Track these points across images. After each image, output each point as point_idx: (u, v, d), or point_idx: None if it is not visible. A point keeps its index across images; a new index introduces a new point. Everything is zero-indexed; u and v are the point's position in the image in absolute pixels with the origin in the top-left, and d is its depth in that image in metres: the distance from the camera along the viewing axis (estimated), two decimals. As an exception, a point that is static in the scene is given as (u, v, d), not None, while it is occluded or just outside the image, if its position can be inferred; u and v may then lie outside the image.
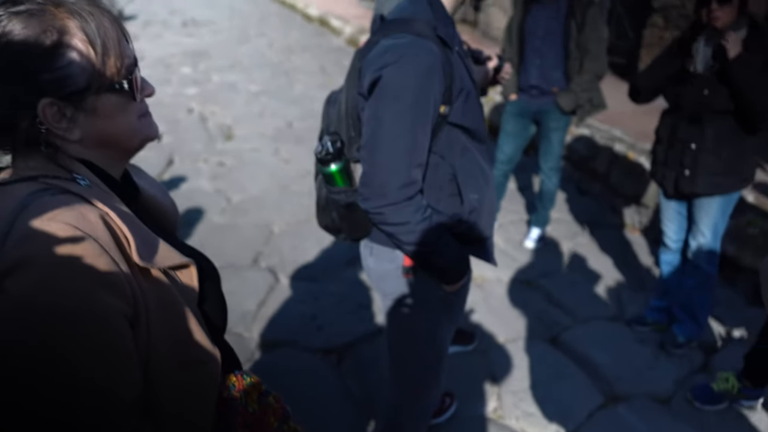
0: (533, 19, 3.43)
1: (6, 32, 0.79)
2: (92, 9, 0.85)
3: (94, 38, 0.83)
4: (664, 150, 2.67)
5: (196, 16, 13.47)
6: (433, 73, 1.32)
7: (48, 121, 0.82)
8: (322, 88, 7.33)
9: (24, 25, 0.79)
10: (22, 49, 0.79)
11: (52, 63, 0.81)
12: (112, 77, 0.85)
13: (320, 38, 11.35)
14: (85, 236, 0.76)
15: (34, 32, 0.80)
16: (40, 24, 0.80)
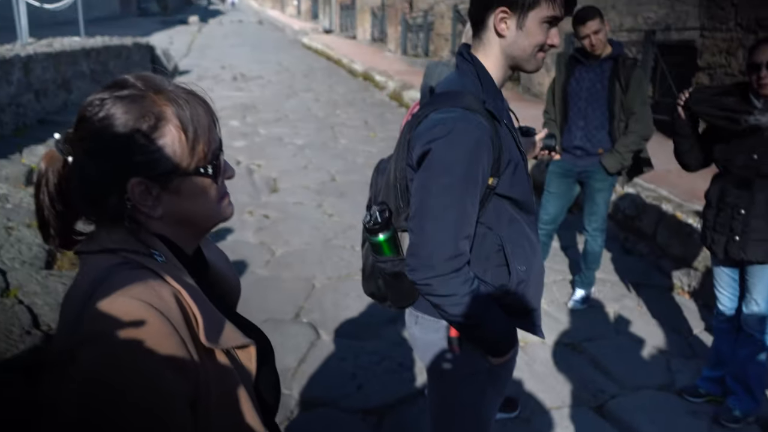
0: (576, 81, 3.46)
1: (109, 114, 0.86)
2: (188, 97, 0.91)
3: (187, 125, 0.88)
4: (713, 214, 2.62)
5: (246, 71, 14.01)
6: (482, 146, 1.34)
7: (135, 198, 0.88)
8: (365, 143, 7.48)
9: (126, 109, 0.86)
10: (121, 131, 0.85)
11: (146, 146, 0.86)
12: (199, 162, 0.90)
13: (364, 93, 11.63)
14: (158, 315, 0.79)
15: (134, 116, 0.86)
16: (140, 109, 0.86)
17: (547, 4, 1.35)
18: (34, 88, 7.01)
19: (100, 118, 0.86)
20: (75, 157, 0.87)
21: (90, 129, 0.87)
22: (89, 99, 0.89)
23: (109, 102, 0.86)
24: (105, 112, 0.86)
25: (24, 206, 4.37)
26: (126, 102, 0.86)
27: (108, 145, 0.86)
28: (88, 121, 0.87)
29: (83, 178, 0.87)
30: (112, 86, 0.88)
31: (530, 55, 1.41)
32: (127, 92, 0.87)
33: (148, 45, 12.61)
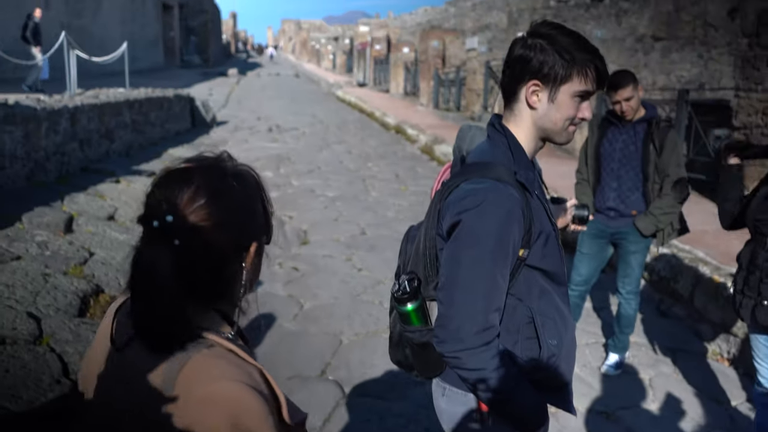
0: (609, 142, 3.45)
1: (233, 186, 0.93)
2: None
3: (268, 200, 1.00)
4: (743, 277, 2.55)
5: (281, 122, 14.37)
6: (513, 218, 1.34)
7: (248, 263, 0.94)
8: (395, 196, 7.53)
9: (244, 182, 0.96)
10: (246, 197, 0.94)
11: (259, 212, 0.96)
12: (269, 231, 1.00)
13: (396, 146, 11.78)
14: (258, 396, 0.81)
15: (248, 184, 0.96)
16: (248, 179, 0.97)
17: (579, 78, 1.36)
18: (79, 138, 7.29)
19: (223, 189, 0.91)
20: (196, 233, 0.86)
21: (214, 203, 0.88)
22: (216, 172, 0.93)
23: (226, 180, 0.93)
24: (226, 185, 0.91)
25: (62, 254, 4.48)
26: (235, 178, 0.93)
27: (237, 210, 0.92)
28: (219, 193, 0.89)
29: (208, 251, 0.88)
30: (218, 160, 0.96)
31: (561, 128, 1.42)
32: (233, 166, 0.95)
33: (188, 96, 13.06)
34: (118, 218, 5.69)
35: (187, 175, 0.89)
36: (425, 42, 19.17)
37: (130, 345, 0.88)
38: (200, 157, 0.95)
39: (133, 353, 0.88)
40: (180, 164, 0.92)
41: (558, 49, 1.35)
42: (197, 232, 0.86)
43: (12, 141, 5.63)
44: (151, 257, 0.85)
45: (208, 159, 0.94)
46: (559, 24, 1.40)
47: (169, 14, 31.91)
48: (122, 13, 24.04)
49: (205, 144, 10.90)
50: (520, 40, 1.41)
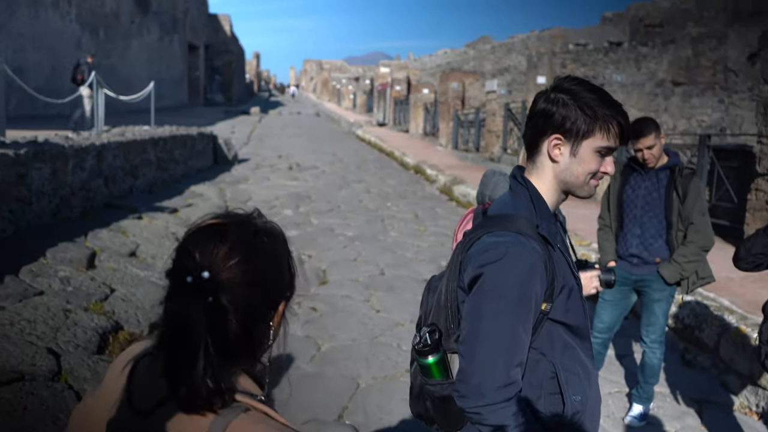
0: (632, 188, 3.43)
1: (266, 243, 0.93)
2: None
3: (293, 259, 0.98)
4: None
5: (302, 160, 14.54)
6: (535, 272, 1.33)
7: (276, 322, 0.95)
8: (414, 236, 7.53)
9: (277, 238, 0.96)
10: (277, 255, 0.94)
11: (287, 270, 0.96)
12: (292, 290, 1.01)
13: (415, 185, 11.83)
14: None
15: (281, 245, 0.96)
16: (280, 237, 0.97)
17: (601, 134, 1.37)
18: (104, 174, 7.43)
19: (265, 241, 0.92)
20: (230, 291, 0.86)
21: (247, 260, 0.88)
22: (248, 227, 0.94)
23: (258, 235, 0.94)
24: (265, 226, 0.94)
25: (83, 289, 4.52)
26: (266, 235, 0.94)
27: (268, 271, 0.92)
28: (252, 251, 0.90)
29: (241, 309, 0.87)
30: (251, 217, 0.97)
31: (583, 182, 1.42)
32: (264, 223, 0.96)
33: (211, 134, 13.31)
34: (140, 255, 5.74)
35: (222, 231, 0.89)
36: (445, 83, 19.42)
37: (158, 409, 0.85)
38: (232, 213, 0.95)
39: (164, 418, 0.85)
40: (212, 219, 0.93)
41: (581, 105, 1.36)
42: (231, 290, 0.85)
43: (40, 177, 5.76)
44: (186, 313, 0.83)
45: (240, 215, 0.94)
46: (583, 79, 1.42)
47: (194, 54, 32.81)
48: (150, 54, 24.76)
49: (226, 181, 11.04)
50: (543, 94, 1.43)
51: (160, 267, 5.53)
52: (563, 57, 12.77)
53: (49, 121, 12.23)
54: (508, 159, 13.49)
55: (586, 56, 12.85)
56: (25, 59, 14.69)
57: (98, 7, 19.76)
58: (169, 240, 6.41)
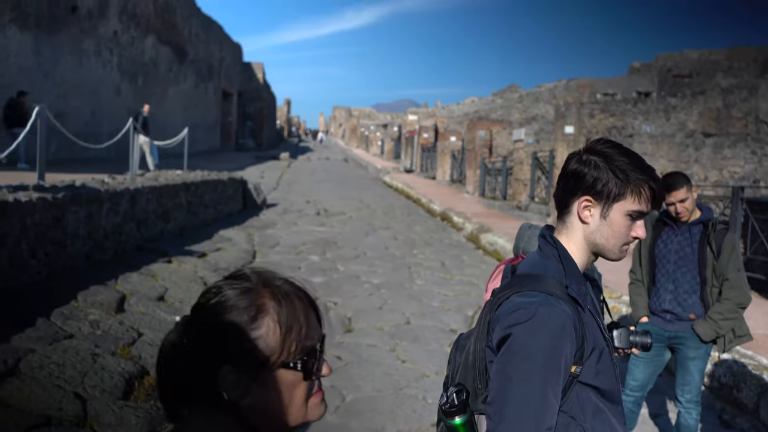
0: (664, 243, 3.38)
1: (218, 302, 0.92)
2: (291, 291, 0.96)
3: (283, 320, 0.92)
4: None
5: (329, 206, 14.66)
6: (564, 334, 1.31)
7: (224, 386, 0.90)
8: (441, 285, 7.47)
9: (234, 301, 0.92)
10: (222, 320, 0.91)
11: (242, 335, 0.90)
12: (288, 356, 0.93)
13: (442, 233, 11.80)
14: None
15: (240, 305, 0.91)
16: (247, 299, 0.92)
17: (632, 198, 1.37)
18: (137, 218, 7.59)
19: (210, 305, 0.92)
20: (184, 338, 0.92)
21: (199, 313, 0.93)
22: (210, 286, 0.96)
23: (222, 291, 0.93)
24: (216, 299, 0.92)
25: (111, 333, 4.57)
26: (236, 293, 0.92)
27: (209, 330, 0.91)
28: (200, 306, 0.94)
29: (185, 359, 0.91)
30: (231, 277, 0.96)
31: (613, 245, 1.41)
32: (242, 285, 0.94)
33: (241, 179, 13.54)
34: (168, 299, 5.80)
35: (209, 286, 0.95)
36: (472, 132, 19.58)
37: None
38: (229, 275, 0.97)
39: None
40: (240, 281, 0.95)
41: (613, 168, 1.37)
42: (186, 336, 0.93)
43: (76, 221, 5.90)
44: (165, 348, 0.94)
45: (230, 276, 0.97)
46: (616, 143, 1.43)
47: (228, 101, 33.75)
48: (185, 100, 25.55)
49: (254, 226, 11.17)
50: (576, 155, 1.43)
51: (187, 311, 5.56)
52: (591, 107, 12.81)
53: (87, 164, 12.61)
54: (536, 207, 13.43)
55: (615, 107, 12.87)
56: (67, 105, 15.27)
57: (138, 56, 20.55)
58: (196, 284, 6.47)
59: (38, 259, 5.24)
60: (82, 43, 16.49)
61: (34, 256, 5.17)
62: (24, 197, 5.09)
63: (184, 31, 25.28)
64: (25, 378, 3.58)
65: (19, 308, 4.50)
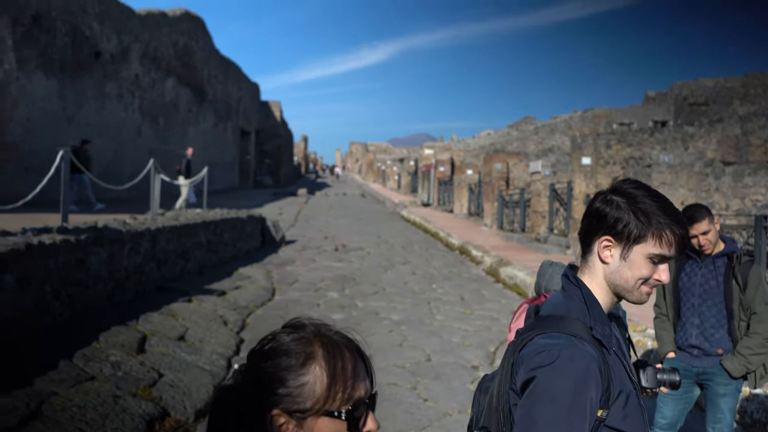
0: (688, 276, 3.32)
1: (274, 346, 0.97)
2: (341, 341, 1.00)
3: (330, 369, 0.95)
4: None
5: (347, 241, 14.69)
6: (589, 376, 1.28)
7: (272, 429, 0.93)
8: (461, 320, 7.39)
9: (286, 347, 0.96)
10: (276, 362, 0.95)
11: (291, 379, 0.94)
12: (334, 404, 0.95)
13: (461, 267, 11.73)
14: None
15: (291, 351, 0.96)
16: (299, 346, 0.96)
17: (653, 241, 1.35)
18: (158, 258, 7.66)
19: (264, 350, 0.97)
20: (238, 382, 0.98)
21: (253, 357, 0.98)
22: (267, 333, 1.00)
23: (277, 338, 0.98)
24: (270, 344, 0.97)
25: (132, 374, 4.57)
26: (289, 339, 0.97)
27: (260, 373, 0.95)
28: (255, 351, 0.98)
29: (237, 403, 0.96)
30: (288, 325, 1.00)
31: (632, 287, 1.39)
32: (294, 332, 0.98)
33: (260, 216, 13.65)
34: (188, 338, 5.80)
35: (268, 335, 0.99)
36: (489, 164, 19.61)
37: None
38: (288, 323, 1.01)
39: None
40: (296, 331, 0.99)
41: (635, 209, 1.35)
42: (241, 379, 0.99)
43: (98, 262, 5.97)
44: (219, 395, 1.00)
45: (288, 325, 1.01)
46: (642, 184, 1.42)
47: (246, 139, 34.26)
48: (205, 139, 25.99)
49: (273, 263, 11.21)
50: (601, 194, 1.43)
51: (207, 351, 5.56)
52: (608, 138, 12.78)
53: (109, 204, 12.81)
54: (555, 240, 13.32)
55: (631, 137, 12.82)
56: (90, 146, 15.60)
57: (159, 98, 21.03)
58: (216, 323, 6.48)
59: (61, 300, 5.29)
60: (105, 86, 16.93)
61: (57, 297, 5.23)
62: (48, 239, 5.17)
63: (203, 73, 25.87)
64: (48, 421, 3.58)
65: (42, 350, 4.53)
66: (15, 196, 7.17)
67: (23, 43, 12.87)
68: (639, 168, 9.89)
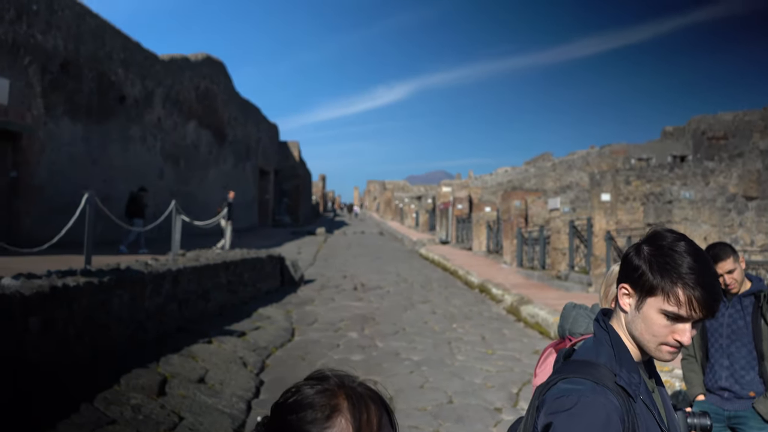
0: (715, 317, 3.26)
1: (298, 399, 0.97)
2: (365, 393, 1.00)
3: (355, 422, 0.96)
4: None
5: (366, 280, 14.65)
6: (609, 426, 1.25)
7: None
8: (482, 360, 7.29)
9: (310, 400, 0.97)
10: (300, 415, 0.95)
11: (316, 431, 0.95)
12: None
13: (481, 305, 11.62)
14: None
15: (316, 404, 0.96)
16: (323, 399, 0.96)
17: (663, 296, 1.29)
18: (178, 299, 7.70)
19: (288, 403, 0.97)
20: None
21: (277, 410, 0.98)
22: (290, 386, 1.01)
23: (300, 390, 0.98)
24: (294, 398, 0.97)
25: (153, 418, 4.55)
26: (313, 392, 0.97)
27: (284, 426, 0.95)
28: (279, 404, 0.98)
29: None
30: (311, 377, 1.01)
31: (648, 341, 1.34)
32: (321, 386, 0.98)
33: (279, 256, 13.70)
34: (208, 380, 5.78)
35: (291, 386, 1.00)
36: (507, 202, 19.58)
37: None
38: (311, 375, 1.01)
39: None
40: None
41: (653, 261, 1.32)
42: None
43: (120, 304, 6.02)
44: None
45: (311, 377, 1.02)
46: (684, 237, 1.35)
47: (265, 179, 34.67)
48: (225, 180, 26.35)
49: (292, 303, 11.20)
50: (637, 243, 1.42)
51: (227, 393, 5.53)
52: (627, 174, 12.72)
53: (131, 245, 12.96)
54: (576, 277, 13.16)
55: (651, 172, 12.75)
56: (113, 188, 15.89)
57: (180, 140, 21.46)
58: (236, 365, 6.46)
59: (83, 342, 5.33)
60: (129, 129, 17.33)
61: (79, 339, 5.26)
62: (72, 282, 5.24)
63: (223, 115, 26.40)
64: (69, 467, 3.57)
65: (64, 392, 4.54)
66: (40, 238, 7.29)
67: (51, 89, 13.29)
68: (660, 204, 9.80)
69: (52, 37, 13.18)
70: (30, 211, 12.69)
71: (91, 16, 14.83)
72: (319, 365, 6.80)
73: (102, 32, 15.40)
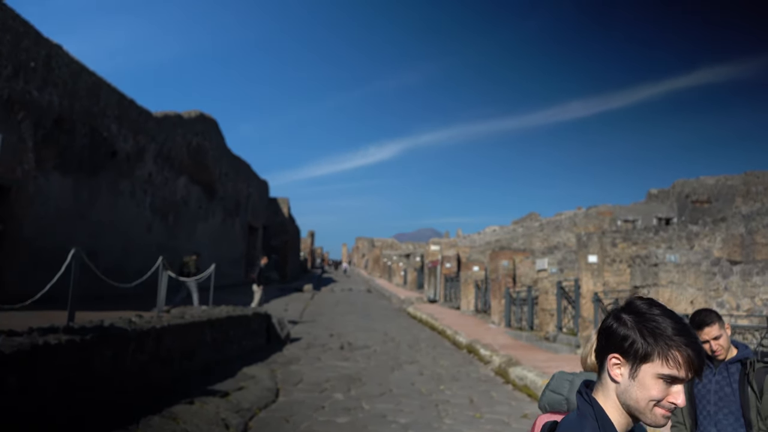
0: (702, 383, 3.27)
1: None
2: None
3: None
4: None
5: (353, 339, 14.47)
6: None
7: None
8: (470, 424, 7.16)
9: None
10: None
11: None
12: None
13: (469, 366, 11.48)
14: None
15: None
16: None
17: (660, 361, 1.33)
18: (161, 357, 7.56)
19: None
20: None
21: None
22: None
23: None
24: None
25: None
26: None
27: None
28: None
29: None
30: None
31: (644, 408, 1.36)
32: None
33: (265, 314, 13.55)
34: (189, 443, 5.61)
35: None
36: (495, 261, 19.63)
37: None
38: None
39: None
40: None
41: (641, 328, 1.36)
42: None
43: (102, 363, 5.91)
44: None
45: None
46: (654, 302, 1.42)
47: (254, 235, 34.61)
48: (213, 235, 26.28)
49: (278, 362, 11.01)
50: (614, 312, 1.45)
51: (208, 457, 5.36)
52: (613, 236, 12.88)
53: (116, 301, 12.77)
54: (564, 338, 13.09)
55: (636, 235, 12.92)
56: (100, 243, 15.78)
57: (170, 195, 21.50)
58: (218, 426, 6.29)
59: (63, 403, 5.19)
60: (119, 184, 17.38)
61: (59, 400, 5.13)
62: (53, 340, 5.15)
63: (214, 171, 26.58)
64: None
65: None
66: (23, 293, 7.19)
67: (43, 144, 13.38)
68: (646, 267, 9.89)
69: (47, 94, 13.37)
70: (14, 266, 12.53)
71: (87, 73, 15.11)
72: (303, 427, 6.64)
73: (97, 89, 15.65)
